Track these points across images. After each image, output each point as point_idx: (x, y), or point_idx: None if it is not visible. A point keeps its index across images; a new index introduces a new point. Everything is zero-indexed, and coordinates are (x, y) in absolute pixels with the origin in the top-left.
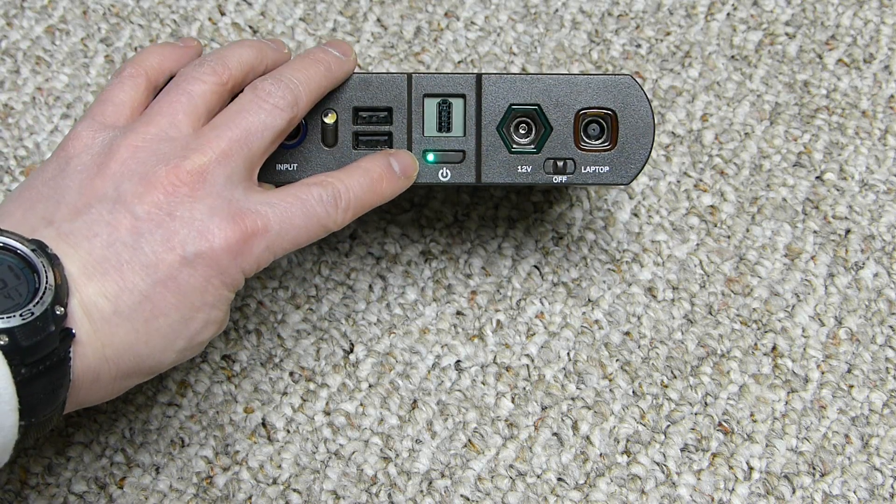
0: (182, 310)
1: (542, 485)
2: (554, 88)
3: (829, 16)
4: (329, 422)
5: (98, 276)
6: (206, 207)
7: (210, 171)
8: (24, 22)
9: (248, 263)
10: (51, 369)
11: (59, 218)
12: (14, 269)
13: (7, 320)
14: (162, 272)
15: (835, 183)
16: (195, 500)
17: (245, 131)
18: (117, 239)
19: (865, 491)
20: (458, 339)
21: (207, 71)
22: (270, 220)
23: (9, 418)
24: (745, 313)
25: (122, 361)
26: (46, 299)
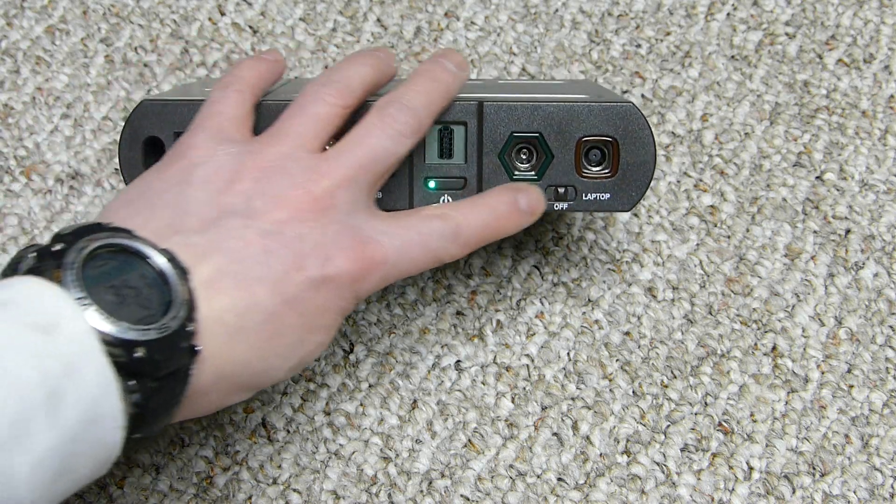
0: (301, 331)
1: (542, 485)
2: (555, 116)
3: (829, 16)
4: (329, 422)
5: (226, 291)
6: (332, 232)
7: (337, 196)
8: (24, 22)
9: (364, 291)
10: (172, 385)
11: (188, 228)
12: (147, 278)
13: (145, 332)
14: (290, 292)
15: (835, 183)
16: (195, 500)
17: (371, 158)
18: (248, 255)
19: (865, 491)
20: (458, 339)
21: (332, 93)
22: (389, 252)
23: (114, 435)
24: (745, 313)
25: (236, 378)
26: (181, 315)
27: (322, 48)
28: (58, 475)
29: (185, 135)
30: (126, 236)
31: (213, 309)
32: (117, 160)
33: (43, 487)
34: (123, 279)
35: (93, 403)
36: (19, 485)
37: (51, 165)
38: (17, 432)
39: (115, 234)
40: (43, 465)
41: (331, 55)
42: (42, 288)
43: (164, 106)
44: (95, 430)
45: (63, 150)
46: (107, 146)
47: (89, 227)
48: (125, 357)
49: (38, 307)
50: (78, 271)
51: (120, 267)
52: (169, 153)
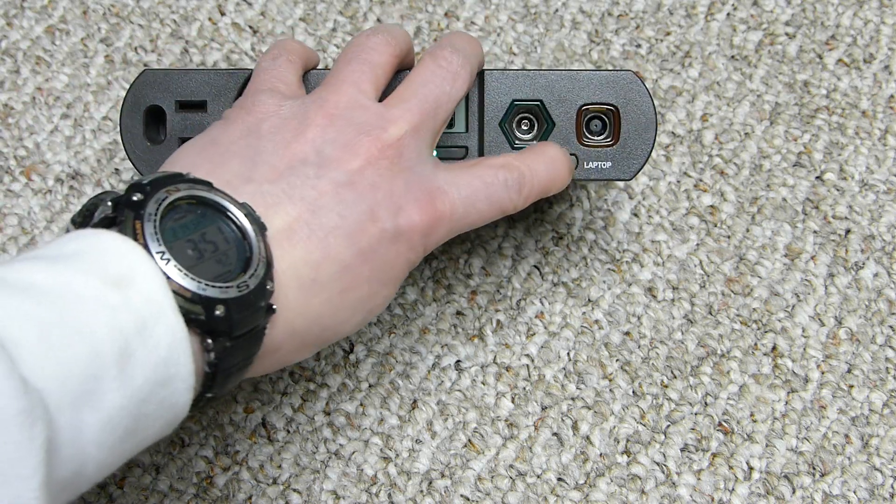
0: (372, 283)
1: (542, 485)
2: (556, 84)
3: (829, 16)
4: (329, 422)
5: (302, 242)
6: (402, 182)
7: (405, 144)
8: (24, 22)
9: (432, 243)
10: (248, 343)
11: (259, 177)
12: (224, 232)
13: (225, 290)
14: (364, 243)
15: (835, 183)
16: (195, 500)
17: (434, 103)
18: (322, 205)
19: (865, 491)
20: (458, 339)
21: (382, 41)
22: (457, 203)
23: (183, 397)
24: (745, 313)
25: (307, 333)
26: (260, 272)
27: (322, 48)
28: (126, 434)
29: (243, 97)
30: (205, 188)
31: (287, 261)
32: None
33: (111, 446)
34: (202, 233)
35: (163, 363)
36: (88, 442)
37: (51, 165)
38: (88, 389)
39: (194, 186)
40: (112, 423)
41: (331, 55)
42: (117, 241)
43: (166, 74)
44: (164, 392)
45: (63, 150)
46: (107, 146)
47: (169, 177)
48: (204, 314)
49: (113, 261)
50: (157, 223)
51: (199, 220)
52: (228, 113)
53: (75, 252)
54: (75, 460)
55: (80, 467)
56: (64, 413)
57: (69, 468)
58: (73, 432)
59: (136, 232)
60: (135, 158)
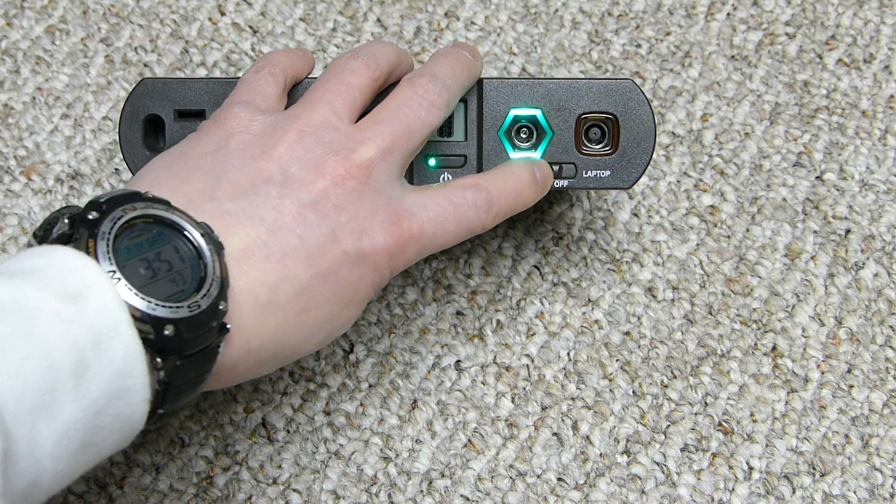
0: (333, 305)
1: (542, 485)
2: (555, 93)
3: (829, 16)
4: (329, 422)
5: (259, 263)
6: (369, 204)
7: (374, 166)
8: (24, 22)
9: (399, 264)
10: (200, 362)
11: (221, 195)
12: (179, 252)
13: (175, 310)
14: (324, 265)
15: (835, 183)
16: (195, 500)
17: (407, 127)
18: (283, 225)
19: (865, 491)
20: (458, 339)
21: (362, 65)
22: (425, 225)
23: (139, 409)
24: (745, 313)
25: (264, 352)
26: (213, 292)
27: (322, 48)
28: (82, 446)
29: (220, 109)
30: (163, 207)
31: (244, 282)
32: (117, 138)
33: (67, 458)
34: (157, 252)
35: (118, 376)
36: (44, 455)
37: (51, 165)
38: (44, 401)
39: (151, 205)
40: (68, 435)
41: (331, 55)
42: (73, 257)
43: (165, 84)
44: (120, 404)
45: (63, 150)
46: (107, 146)
47: (127, 195)
48: (153, 334)
49: (68, 276)
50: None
51: (154, 239)
52: (204, 124)
53: (32, 268)
54: (31, 472)
55: (37, 479)
56: (20, 425)
57: (25, 479)
58: (29, 444)
59: (88, 250)
60: (134, 168)
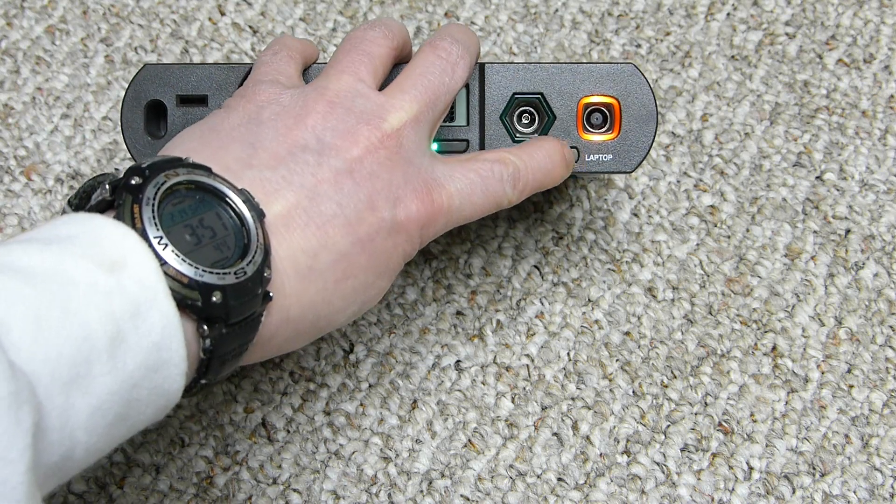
0: (369, 273)
1: (542, 485)
2: (557, 77)
3: (829, 16)
4: (329, 422)
5: (300, 229)
6: (401, 172)
7: (404, 134)
8: (24, 22)
9: (428, 235)
10: (243, 331)
11: (259, 163)
12: (222, 218)
13: (222, 277)
14: (362, 232)
15: (835, 183)
16: (195, 500)
17: (433, 93)
18: (321, 192)
19: (865, 491)
20: (458, 339)
21: (381, 34)
22: (454, 196)
23: (176, 382)
24: (745, 313)
25: (302, 322)
26: (258, 259)
27: (322, 48)
28: (117, 419)
29: (243, 87)
30: (205, 174)
31: (285, 248)
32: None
33: (100, 431)
34: (200, 218)
35: (155, 349)
36: (77, 427)
37: (51, 165)
38: (79, 373)
39: (193, 171)
40: (102, 408)
41: (331, 55)
42: (111, 226)
43: (166, 69)
44: (157, 377)
45: (63, 150)
46: (107, 146)
47: (168, 161)
48: (201, 301)
49: (107, 245)
50: (155, 208)
51: (197, 206)
52: (229, 101)
53: (69, 235)
54: (64, 445)
55: (69, 452)
56: (53, 397)
57: (58, 453)
58: (62, 417)
59: (133, 216)
60: (136, 153)
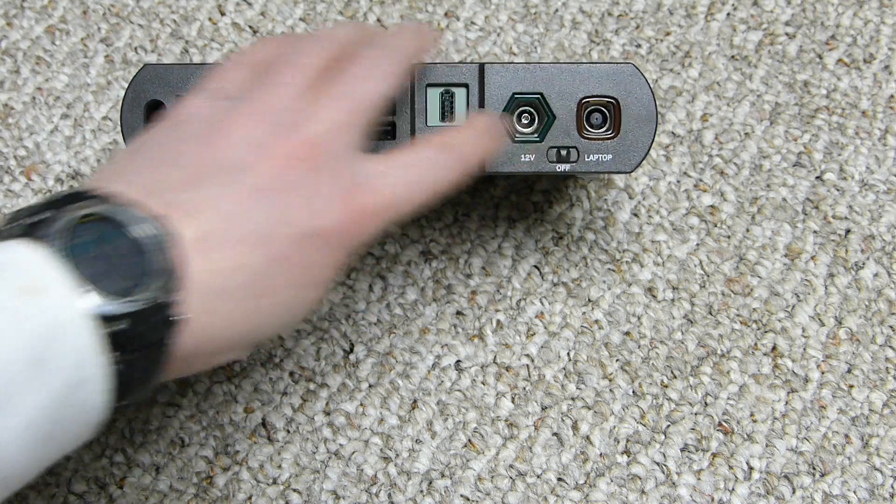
0: (291, 288)
1: (542, 485)
2: (556, 77)
3: (829, 16)
4: (329, 422)
5: (211, 251)
6: (320, 181)
7: (325, 143)
8: (24, 22)
9: (359, 241)
10: (154, 353)
11: (172, 186)
12: (133, 246)
13: (125, 304)
14: (275, 250)
15: (835, 183)
16: (195, 500)
17: (357, 100)
18: (232, 212)
19: (865, 491)
20: (458, 339)
21: (318, 46)
22: (385, 194)
23: (98, 399)
24: (745, 313)
25: (221, 340)
26: (166, 284)
27: None
28: (46, 438)
29: (187, 94)
30: (114, 203)
31: (198, 271)
32: (119, 124)
33: (32, 450)
34: (109, 248)
35: (77, 367)
36: (8, 447)
37: (51, 165)
38: (5, 395)
39: (102, 201)
40: (31, 428)
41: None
42: (30, 252)
43: (166, 69)
44: (81, 394)
45: (63, 150)
46: (107, 146)
47: (76, 194)
48: (107, 328)
49: (26, 271)
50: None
51: (106, 235)
52: (164, 113)
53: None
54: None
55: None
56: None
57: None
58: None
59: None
60: None
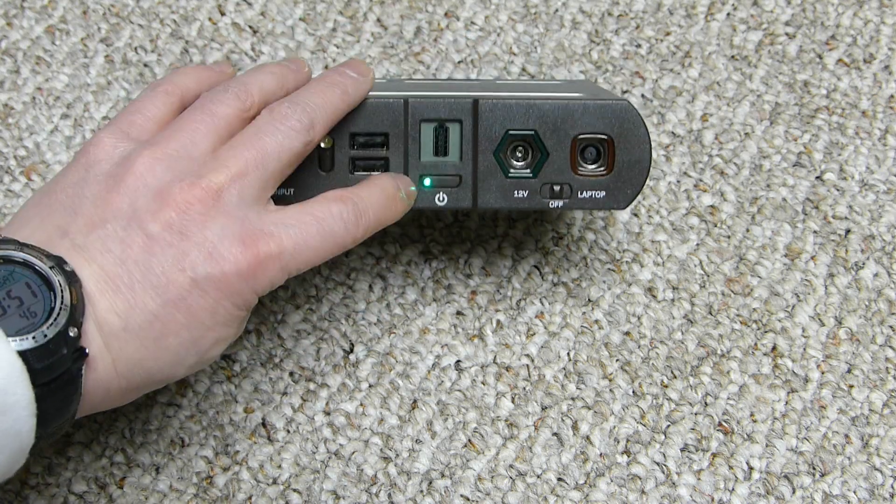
0: (192, 329)
1: (542, 485)
2: (550, 114)
3: (829, 16)
4: (329, 422)
5: (110, 293)
6: (218, 228)
7: (224, 191)
8: (24, 22)
9: (261, 285)
10: (62, 386)
11: (75, 230)
12: (32, 287)
13: (20, 342)
14: (172, 293)
15: (835, 183)
16: (195, 500)
17: (261, 152)
18: (129, 257)
19: (865, 491)
20: (458, 339)
21: (231, 95)
22: (284, 242)
23: (26, 424)
24: (745, 313)
25: (132, 375)
26: (60, 321)
27: (322, 48)
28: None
29: (97, 131)
30: (12, 247)
31: (98, 310)
32: None
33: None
34: (8, 290)
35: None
36: None
37: (51, 165)
38: None
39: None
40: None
41: (331, 55)
42: None
43: None
44: (7, 420)
45: (63, 150)
46: None
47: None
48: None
49: None
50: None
51: (6, 278)
52: (78, 152)
53: None
54: None
55: None
56: None
57: None
58: None
59: None
60: None
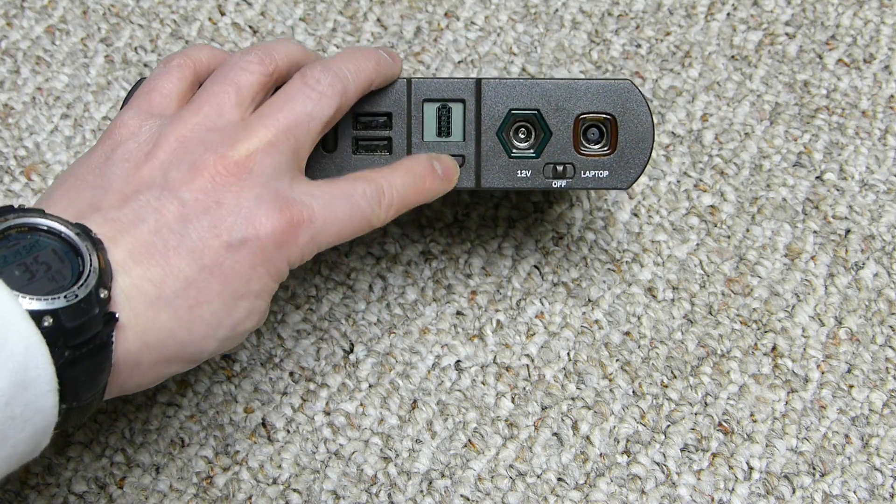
0: (226, 297)
1: (542, 485)
2: (553, 93)
3: (829, 16)
4: (329, 422)
5: (144, 261)
6: (252, 196)
7: (257, 160)
8: (24, 22)
9: (294, 254)
10: (93, 352)
11: (107, 205)
12: (58, 253)
13: (51, 301)
14: (208, 258)
15: (835, 183)
16: (195, 500)
17: (293, 120)
18: (164, 225)
19: (865, 491)
20: (458, 339)
21: (254, 61)
22: (315, 212)
23: (48, 399)
24: (745, 313)
25: (164, 347)
26: (91, 282)
27: (322, 48)
28: None
29: (119, 112)
30: (37, 215)
31: (132, 279)
32: None
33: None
34: (35, 256)
35: (22, 368)
36: None
37: (51, 165)
38: None
39: (25, 214)
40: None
41: (331, 55)
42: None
43: None
44: (28, 395)
45: (63, 150)
46: None
47: (10, 207)
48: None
49: None
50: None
51: (31, 245)
52: (103, 135)
53: None
54: None
55: None
56: None
57: None
58: None
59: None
60: None
